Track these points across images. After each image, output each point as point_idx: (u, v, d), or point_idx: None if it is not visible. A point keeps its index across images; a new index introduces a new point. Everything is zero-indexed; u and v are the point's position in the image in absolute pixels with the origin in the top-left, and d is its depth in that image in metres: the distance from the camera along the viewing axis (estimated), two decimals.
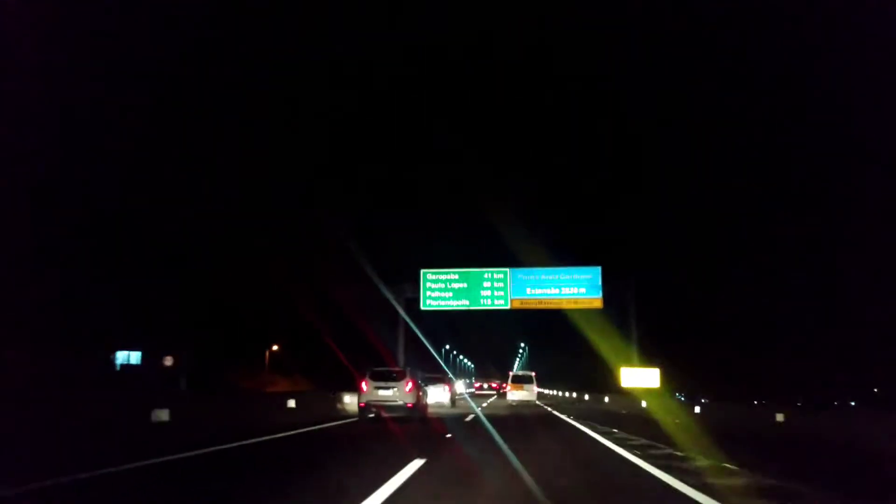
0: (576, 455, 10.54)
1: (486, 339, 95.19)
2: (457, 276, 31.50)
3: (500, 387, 55.85)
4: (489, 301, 31.10)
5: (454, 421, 18.76)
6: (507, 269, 31.38)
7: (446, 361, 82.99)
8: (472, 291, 31.24)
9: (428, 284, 31.44)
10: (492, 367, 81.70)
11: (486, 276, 31.36)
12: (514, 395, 34.41)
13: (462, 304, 31.27)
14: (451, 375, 37.91)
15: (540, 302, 31.09)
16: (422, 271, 31.67)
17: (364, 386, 17.46)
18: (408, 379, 17.74)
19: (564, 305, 31.09)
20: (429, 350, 62.17)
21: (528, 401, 33.63)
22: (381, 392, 17.26)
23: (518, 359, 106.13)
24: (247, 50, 53.42)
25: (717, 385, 40.35)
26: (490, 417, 20.71)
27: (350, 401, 21.26)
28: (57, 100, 29.07)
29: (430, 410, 20.95)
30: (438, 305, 31.36)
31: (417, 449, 9.82)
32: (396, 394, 17.28)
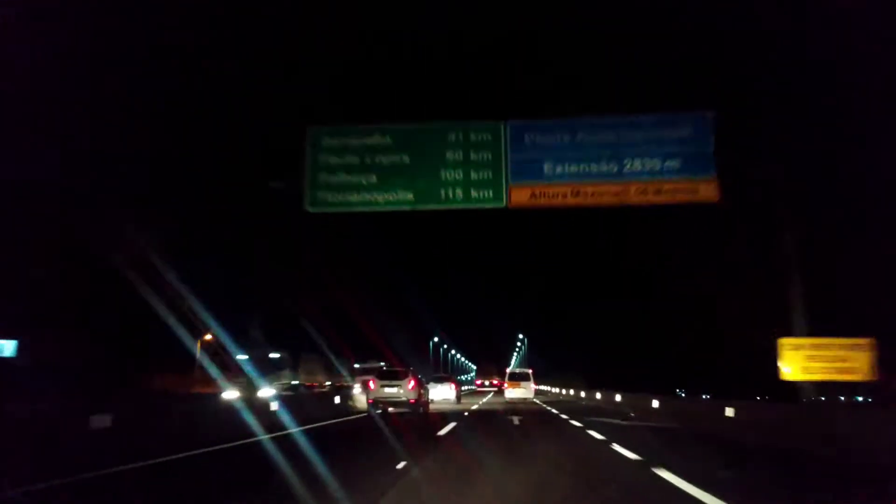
0: None
1: (483, 333, 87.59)
2: (388, 140, 14.10)
3: (501, 384, 47.74)
4: (458, 193, 13.76)
5: None
6: (501, 123, 14.03)
7: (437, 357, 72.66)
8: (422, 172, 13.87)
9: (322, 158, 14.08)
10: (492, 364, 70.48)
11: (451, 137, 13.98)
12: (512, 392, 32.06)
13: (398, 198, 13.87)
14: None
15: (574, 192, 13.67)
16: (310, 130, 14.27)
17: (372, 385, 19.49)
18: (410, 378, 19.76)
19: (632, 198, 13.55)
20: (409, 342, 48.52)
21: (525, 398, 31.24)
22: (387, 390, 19.18)
23: (516, 353, 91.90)
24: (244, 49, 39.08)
25: None
26: None
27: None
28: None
29: (437, 406, 23.30)
30: (342, 203, 13.93)
31: None
32: (400, 391, 19.17)
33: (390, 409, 18.69)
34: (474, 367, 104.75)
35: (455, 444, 11.02)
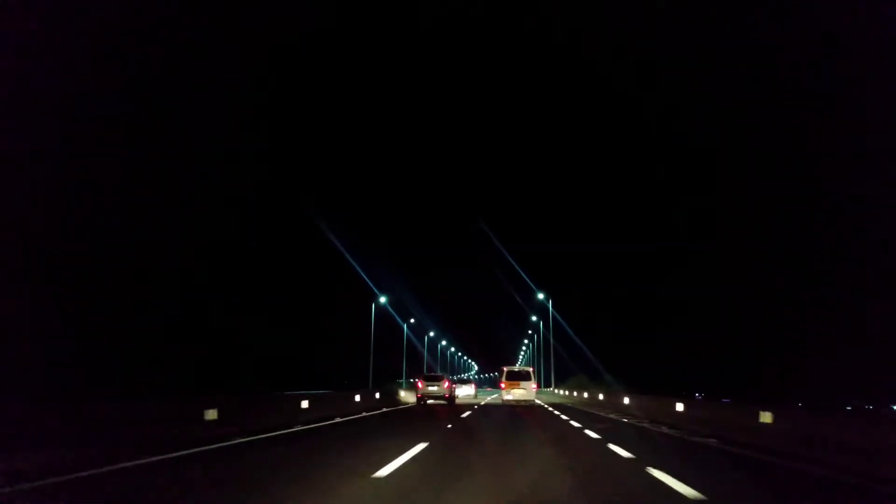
0: None
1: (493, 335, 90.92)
2: None
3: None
4: None
5: None
6: None
7: (444, 360, 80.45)
8: None
9: None
10: (502, 366, 72.99)
11: None
12: (510, 394, 29.67)
13: None
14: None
15: None
16: None
17: (420, 384, 29.89)
18: (445, 379, 30.64)
19: None
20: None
21: (525, 399, 29.42)
22: (430, 388, 29.38)
23: (522, 352, 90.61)
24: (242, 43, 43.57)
25: None
26: None
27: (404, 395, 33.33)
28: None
29: (462, 400, 35.09)
30: None
31: None
32: (438, 389, 29.40)
33: (429, 401, 28.95)
34: (475, 366, 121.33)
35: (473, 419, 18.81)
